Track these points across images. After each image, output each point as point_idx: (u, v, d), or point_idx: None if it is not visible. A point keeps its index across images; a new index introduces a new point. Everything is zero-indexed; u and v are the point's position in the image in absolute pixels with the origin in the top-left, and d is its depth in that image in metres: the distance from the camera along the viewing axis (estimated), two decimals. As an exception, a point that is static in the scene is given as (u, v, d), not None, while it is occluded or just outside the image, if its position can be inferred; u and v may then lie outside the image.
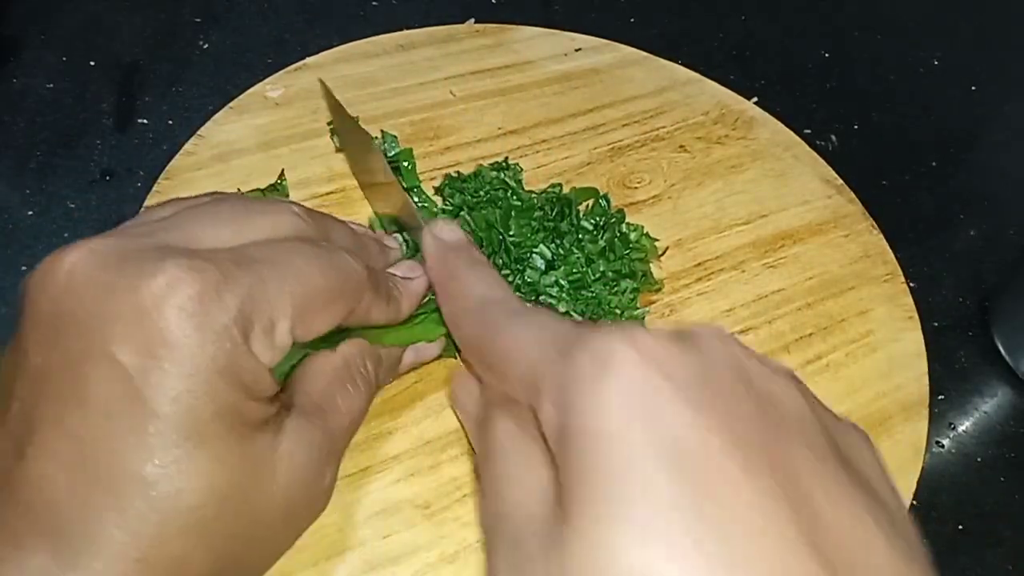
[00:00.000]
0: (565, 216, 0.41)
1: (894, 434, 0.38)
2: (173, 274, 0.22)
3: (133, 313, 0.22)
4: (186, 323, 0.22)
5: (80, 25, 0.53)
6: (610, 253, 0.40)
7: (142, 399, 0.21)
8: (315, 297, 0.26)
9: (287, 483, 0.25)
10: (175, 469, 0.22)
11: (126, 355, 0.21)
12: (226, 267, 0.23)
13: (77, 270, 0.23)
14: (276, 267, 0.25)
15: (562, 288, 0.38)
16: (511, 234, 0.39)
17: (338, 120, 0.44)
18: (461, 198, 0.41)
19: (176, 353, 0.22)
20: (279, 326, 0.24)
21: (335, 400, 0.28)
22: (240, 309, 0.23)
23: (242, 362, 0.23)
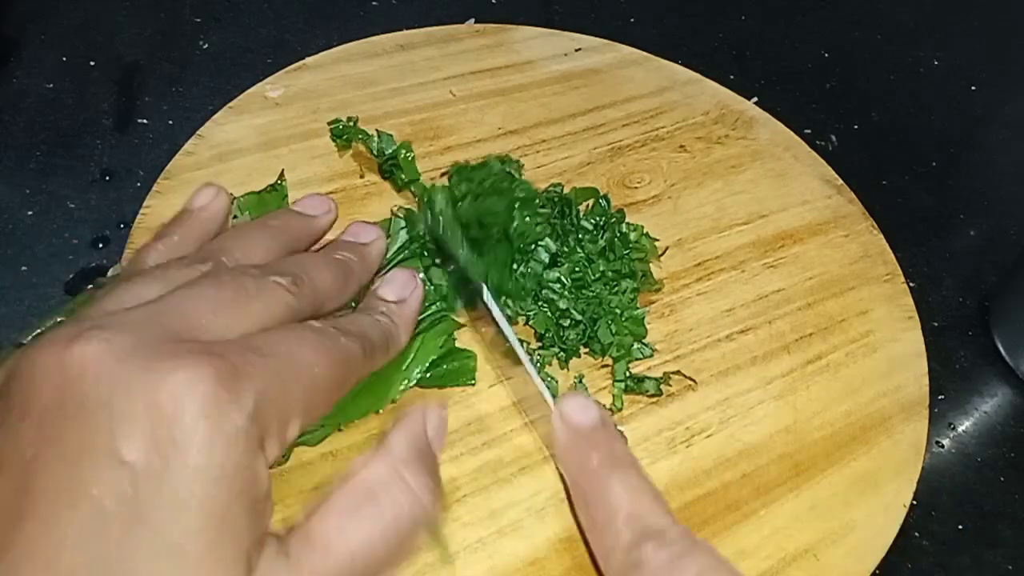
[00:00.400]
0: (566, 215, 0.41)
1: (894, 434, 0.38)
2: (191, 370, 0.21)
3: (146, 410, 0.20)
4: (202, 425, 0.20)
5: (80, 25, 0.53)
6: (610, 253, 0.40)
7: (140, 508, 0.20)
8: (323, 388, 0.25)
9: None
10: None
11: (133, 453, 0.20)
12: (242, 362, 0.22)
13: (86, 357, 0.21)
14: (289, 361, 0.24)
15: (564, 285, 0.38)
16: (515, 225, 0.39)
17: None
18: (468, 186, 0.41)
19: (186, 458, 0.20)
20: (291, 425, 0.23)
21: (346, 533, 0.24)
22: (257, 410, 0.22)
23: (253, 471, 0.22)
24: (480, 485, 0.33)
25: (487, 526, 0.32)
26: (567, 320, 0.38)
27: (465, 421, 0.35)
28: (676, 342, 0.39)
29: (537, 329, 0.38)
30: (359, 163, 0.44)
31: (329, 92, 0.47)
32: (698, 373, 0.38)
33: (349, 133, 0.44)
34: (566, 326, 0.38)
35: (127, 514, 0.20)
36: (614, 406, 0.36)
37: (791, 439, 0.37)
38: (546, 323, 0.37)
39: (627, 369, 0.37)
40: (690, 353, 0.39)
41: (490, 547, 0.32)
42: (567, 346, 0.37)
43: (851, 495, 0.35)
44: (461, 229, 0.38)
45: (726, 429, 0.37)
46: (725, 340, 0.40)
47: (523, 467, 0.34)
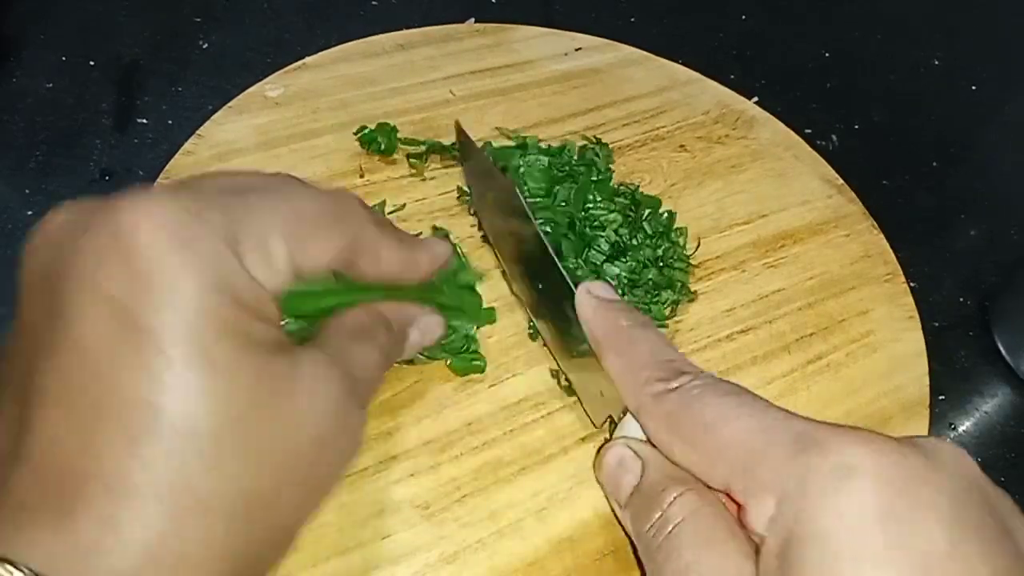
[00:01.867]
0: (635, 213, 0.42)
1: (894, 434, 0.37)
2: (150, 200, 0.21)
3: (114, 244, 0.21)
4: (167, 242, 0.21)
5: (80, 25, 0.53)
6: (661, 262, 0.41)
7: (135, 326, 0.20)
8: (307, 219, 0.25)
9: (311, 410, 0.23)
10: (184, 393, 0.20)
11: (112, 286, 0.20)
12: (207, 192, 0.23)
13: (56, 221, 0.22)
14: (263, 192, 0.24)
15: (621, 282, 0.39)
16: (588, 206, 0.41)
17: (474, 161, 0.42)
18: (549, 173, 0.42)
19: (165, 275, 0.20)
20: (273, 247, 0.23)
21: (350, 351, 0.27)
22: (225, 227, 0.22)
23: (238, 281, 0.22)
24: (480, 485, 0.33)
25: (487, 526, 0.32)
26: None
27: (465, 421, 0.35)
28: (676, 342, 0.39)
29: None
30: (359, 163, 0.44)
31: (329, 92, 0.47)
32: (698, 373, 0.38)
33: (386, 141, 0.44)
34: None
35: (127, 340, 0.20)
36: None
37: (791, 439, 0.37)
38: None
39: None
40: (690, 353, 0.39)
41: (490, 547, 0.32)
42: None
43: (851, 495, 0.35)
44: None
45: (726, 429, 0.37)
46: (725, 340, 0.40)
47: (523, 467, 0.34)
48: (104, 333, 0.20)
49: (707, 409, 0.27)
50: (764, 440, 0.24)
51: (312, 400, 0.23)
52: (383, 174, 0.44)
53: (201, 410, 0.20)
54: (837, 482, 0.20)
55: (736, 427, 0.25)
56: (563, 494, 0.33)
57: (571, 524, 0.33)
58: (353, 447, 0.26)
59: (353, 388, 0.26)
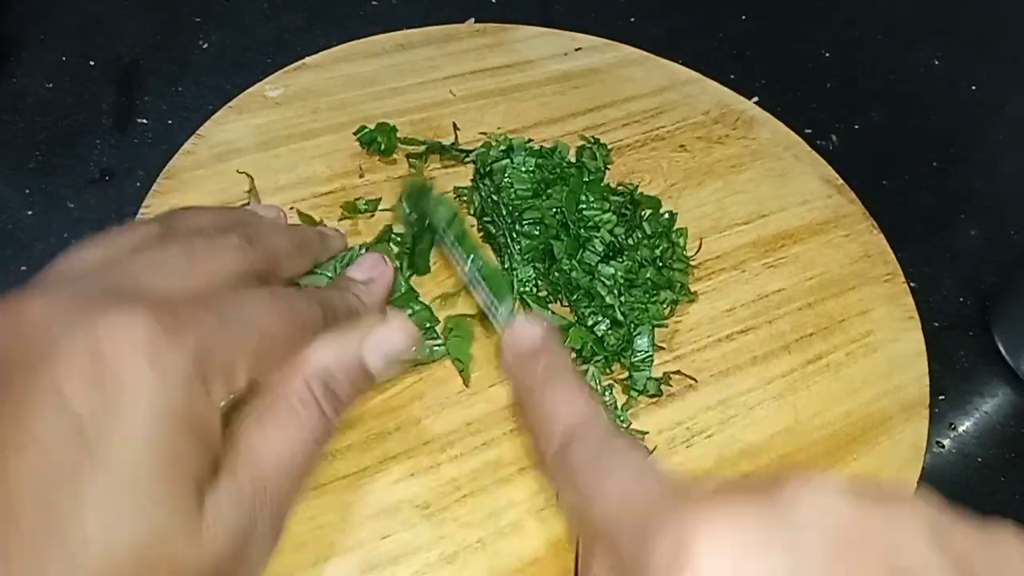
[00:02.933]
0: (631, 212, 0.42)
1: (894, 434, 0.38)
2: (131, 315, 0.21)
3: (88, 353, 0.20)
4: (143, 364, 0.21)
5: (80, 25, 0.53)
6: (659, 262, 0.40)
7: (87, 446, 0.20)
8: (273, 342, 0.25)
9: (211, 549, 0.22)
10: (109, 526, 0.20)
11: (77, 397, 0.20)
12: (184, 310, 0.22)
13: (29, 311, 0.22)
14: (234, 311, 0.24)
15: (616, 282, 0.39)
16: (582, 207, 0.40)
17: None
18: (541, 174, 0.42)
19: (130, 396, 0.20)
20: (237, 371, 0.23)
21: (275, 446, 0.25)
22: (199, 352, 0.22)
23: (199, 408, 0.22)
24: (480, 485, 0.33)
25: (487, 526, 0.32)
26: (607, 321, 0.38)
27: (465, 421, 0.35)
28: (676, 342, 0.39)
29: (572, 347, 0.37)
30: (359, 163, 0.44)
31: (329, 92, 0.47)
32: (698, 373, 0.38)
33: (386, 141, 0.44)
34: (606, 330, 0.38)
35: (75, 456, 0.20)
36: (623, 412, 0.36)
37: (791, 439, 0.37)
38: (582, 338, 0.37)
39: (647, 379, 0.37)
40: (690, 353, 0.39)
41: (490, 547, 0.32)
42: (608, 352, 0.37)
43: (851, 495, 0.35)
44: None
45: (726, 429, 0.37)
46: (725, 340, 0.40)
47: (523, 467, 0.34)
48: (53, 442, 0.20)
49: (583, 472, 0.25)
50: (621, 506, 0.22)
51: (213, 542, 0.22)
52: (383, 174, 0.44)
53: (117, 544, 0.20)
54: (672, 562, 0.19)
55: (605, 491, 0.23)
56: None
57: (571, 524, 0.33)
58: (258, 563, 0.25)
59: (258, 507, 0.24)
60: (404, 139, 0.45)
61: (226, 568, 0.23)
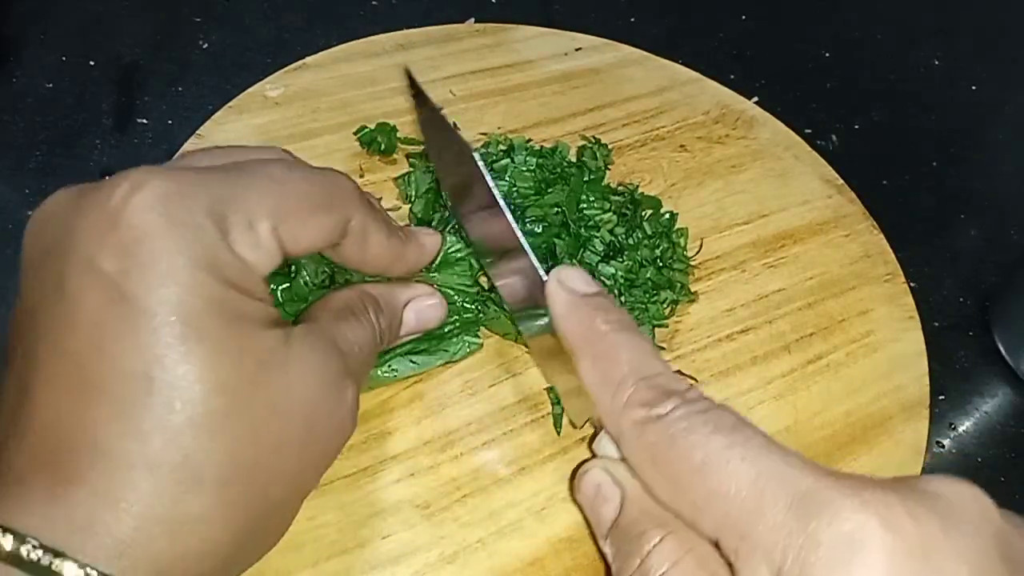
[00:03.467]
0: (631, 212, 0.42)
1: (895, 434, 0.37)
2: (137, 177, 0.22)
3: (104, 220, 0.22)
4: (156, 219, 0.21)
5: (80, 25, 0.53)
6: (660, 261, 0.40)
7: (128, 300, 0.21)
8: (297, 200, 0.25)
9: (303, 384, 0.24)
10: (173, 364, 0.21)
11: (104, 261, 0.21)
12: (195, 172, 0.23)
13: (52, 203, 0.23)
14: (251, 172, 0.25)
15: (616, 282, 0.39)
16: (582, 206, 0.40)
17: (427, 121, 0.39)
18: (542, 173, 0.42)
19: (151, 250, 0.21)
20: (259, 225, 0.24)
21: (340, 329, 0.27)
22: (211, 205, 0.23)
23: (223, 257, 0.23)
24: (480, 485, 0.33)
25: (487, 526, 0.32)
26: None
27: (465, 421, 0.35)
28: (676, 342, 0.39)
29: None
30: (359, 163, 0.44)
31: (329, 92, 0.47)
32: (698, 373, 0.38)
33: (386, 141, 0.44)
34: None
35: (118, 311, 0.21)
36: None
37: (791, 439, 0.37)
38: None
39: None
40: (690, 353, 0.39)
41: (490, 547, 0.32)
42: None
43: (851, 495, 0.35)
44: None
45: (726, 429, 0.37)
46: (725, 340, 0.40)
47: (523, 467, 0.34)
48: (98, 309, 0.21)
49: (695, 448, 0.23)
50: (760, 496, 0.21)
51: (303, 373, 0.24)
52: (383, 174, 0.44)
53: (189, 380, 0.21)
54: (843, 558, 0.18)
55: (728, 475, 0.22)
56: (563, 494, 0.33)
57: (571, 524, 0.33)
58: (347, 422, 0.26)
59: (344, 365, 0.26)
60: (404, 139, 0.45)
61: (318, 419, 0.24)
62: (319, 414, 0.24)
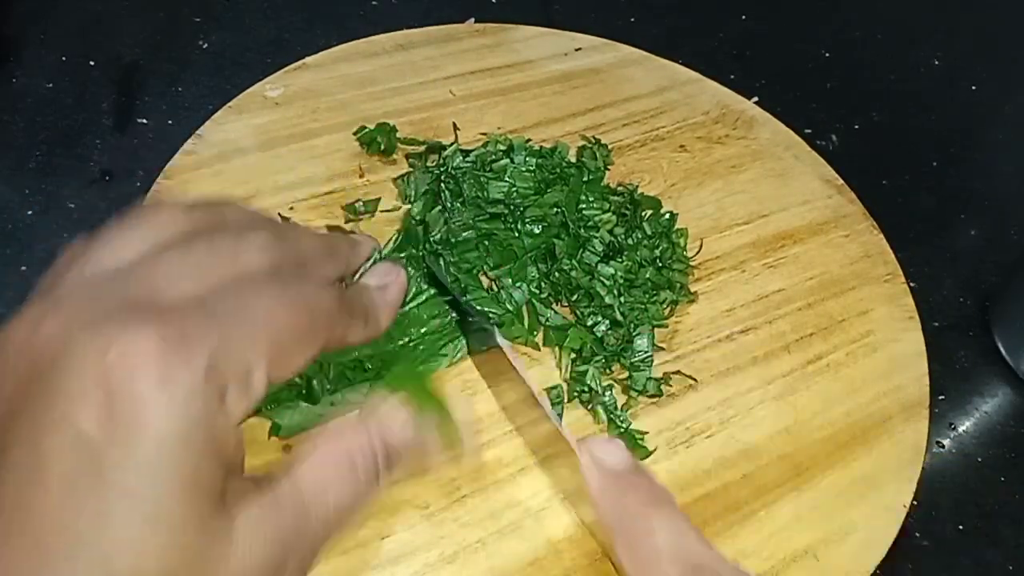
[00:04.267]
0: (631, 212, 0.42)
1: (894, 434, 0.38)
2: (139, 334, 0.21)
3: (98, 378, 0.20)
4: (152, 386, 0.20)
5: (80, 25, 0.53)
6: (659, 261, 0.41)
7: (105, 477, 0.20)
8: (287, 338, 0.24)
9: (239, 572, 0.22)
10: (133, 551, 0.20)
11: (90, 426, 0.20)
12: (191, 323, 0.22)
13: (42, 328, 0.21)
14: (244, 314, 0.23)
15: (616, 282, 0.39)
16: (582, 207, 0.40)
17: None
18: (541, 173, 0.42)
19: (141, 424, 0.20)
20: (255, 375, 0.23)
21: (323, 486, 0.25)
22: (209, 363, 0.21)
23: (215, 422, 0.21)
24: (480, 485, 0.33)
25: (487, 526, 0.32)
26: (607, 321, 0.38)
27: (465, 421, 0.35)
28: (676, 342, 0.39)
29: (571, 348, 0.37)
30: (359, 163, 0.44)
31: (329, 92, 0.47)
32: (698, 373, 0.38)
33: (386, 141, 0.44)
34: (605, 330, 0.38)
35: (92, 484, 0.20)
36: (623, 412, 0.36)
37: (791, 439, 0.37)
38: (582, 338, 0.37)
39: (647, 380, 0.37)
40: (690, 353, 0.39)
41: (490, 547, 0.32)
42: (608, 352, 0.37)
43: (851, 496, 0.35)
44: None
45: (726, 429, 0.37)
46: (725, 340, 0.40)
47: (523, 467, 0.34)
48: (72, 478, 0.20)
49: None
50: None
51: (242, 563, 0.22)
52: (383, 174, 0.44)
53: (143, 568, 0.20)
54: None
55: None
56: (563, 494, 0.33)
57: (571, 524, 0.33)
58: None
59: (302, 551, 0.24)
60: (404, 139, 0.45)
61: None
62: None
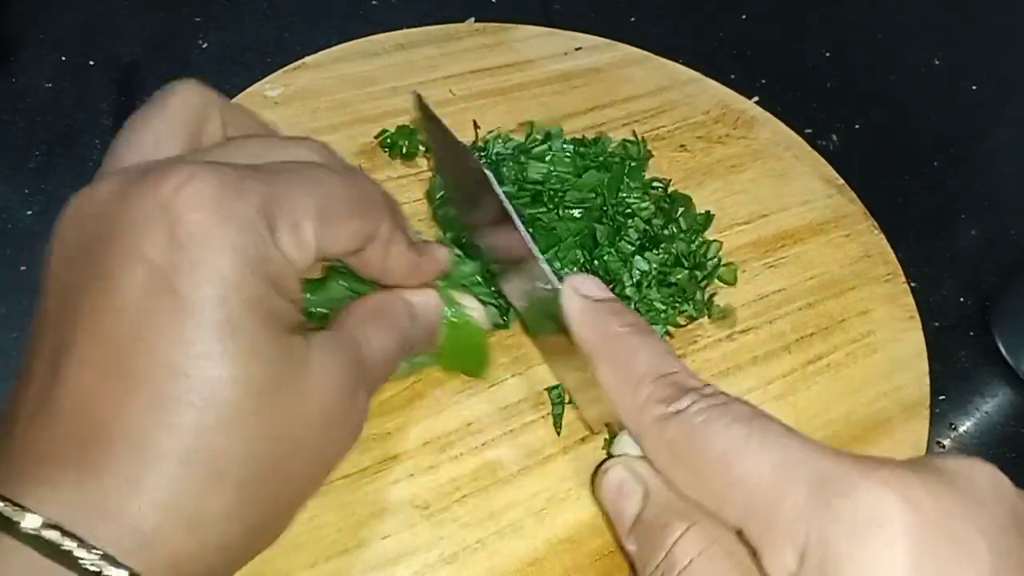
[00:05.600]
0: (668, 205, 0.43)
1: (895, 434, 0.37)
2: (192, 171, 0.22)
3: (157, 212, 0.22)
4: (209, 215, 0.22)
5: (80, 25, 0.53)
6: (694, 258, 0.40)
7: (175, 294, 0.21)
8: (337, 204, 0.26)
9: (322, 390, 0.24)
10: (211, 360, 0.21)
11: (155, 253, 0.21)
12: (246, 171, 0.23)
13: (90, 194, 0.23)
14: (296, 173, 0.25)
15: (648, 276, 0.39)
16: (622, 194, 0.41)
17: (439, 143, 0.40)
18: (582, 161, 0.42)
19: (202, 246, 0.21)
20: (304, 225, 0.24)
21: (366, 334, 0.28)
22: (263, 203, 0.23)
23: (270, 255, 0.23)
24: (480, 485, 0.33)
25: (487, 526, 0.32)
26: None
27: (465, 421, 0.35)
28: (676, 342, 0.39)
29: None
30: (359, 163, 0.44)
31: (328, 91, 0.47)
32: (698, 373, 0.38)
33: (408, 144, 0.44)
34: None
35: (165, 304, 0.21)
36: None
37: (791, 439, 0.37)
38: None
39: None
40: (690, 353, 0.39)
41: (490, 547, 0.32)
42: None
43: (852, 495, 0.35)
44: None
45: (726, 429, 0.37)
46: (725, 340, 0.40)
47: (523, 467, 0.34)
48: (144, 299, 0.21)
49: (715, 439, 0.24)
50: (780, 481, 0.22)
51: (323, 379, 0.24)
52: (383, 174, 0.44)
53: (227, 381, 0.21)
54: (865, 535, 0.19)
55: (748, 464, 0.23)
56: (563, 494, 0.33)
57: (571, 524, 0.33)
58: (356, 430, 0.27)
59: (360, 374, 0.26)
60: (425, 141, 0.45)
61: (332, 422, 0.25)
62: (333, 420, 0.25)
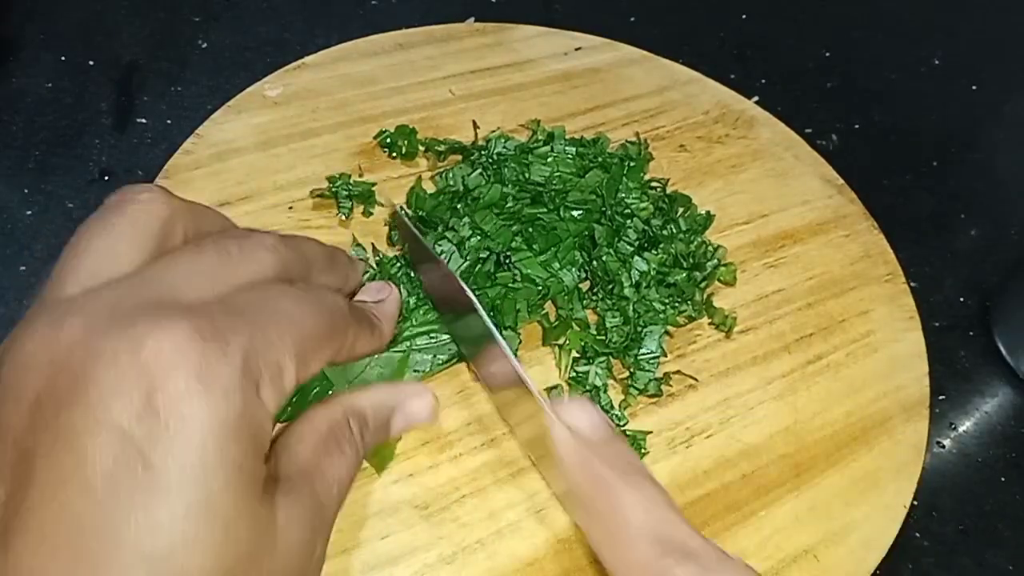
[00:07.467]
0: (667, 205, 0.43)
1: (895, 434, 0.37)
2: (173, 330, 0.21)
3: (132, 373, 0.20)
4: (192, 382, 0.20)
5: (79, 25, 0.53)
6: (692, 258, 0.40)
7: (149, 468, 0.19)
8: (311, 337, 0.25)
9: (286, 556, 0.23)
10: (185, 548, 0.20)
11: (128, 420, 0.20)
12: (223, 317, 0.22)
13: (67, 334, 0.21)
14: (269, 313, 0.24)
15: (647, 277, 0.39)
16: (620, 194, 0.41)
17: (416, 254, 0.39)
18: (582, 161, 0.43)
19: (183, 418, 0.20)
20: (287, 371, 0.23)
21: (321, 468, 0.26)
22: (245, 360, 0.22)
23: (255, 418, 0.22)
24: (480, 485, 0.33)
25: (487, 526, 0.32)
26: (621, 316, 0.38)
27: (465, 421, 0.35)
28: (676, 342, 0.39)
29: (573, 347, 0.37)
30: (358, 162, 0.44)
31: (328, 91, 0.47)
32: (698, 373, 0.38)
33: (407, 144, 0.44)
34: (615, 324, 0.37)
35: (139, 481, 0.19)
36: (621, 411, 0.36)
37: (791, 439, 0.37)
38: (581, 339, 0.37)
39: (649, 380, 0.37)
40: (690, 353, 0.39)
41: (490, 547, 0.32)
42: (611, 349, 0.37)
43: (851, 495, 0.35)
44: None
45: (726, 429, 0.37)
46: (725, 340, 0.40)
47: (523, 467, 0.34)
48: (115, 474, 0.19)
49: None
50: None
51: (287, 546, 0.23)
52: (382, 174, 0.44)
53: (195, 564, 0.20)
54: None
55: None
56: (556, 495, 0.33)
57: (570, 524, 0.33)
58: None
59: (319, 525, 0.25)
60: (425, 140, 0.45)
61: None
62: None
